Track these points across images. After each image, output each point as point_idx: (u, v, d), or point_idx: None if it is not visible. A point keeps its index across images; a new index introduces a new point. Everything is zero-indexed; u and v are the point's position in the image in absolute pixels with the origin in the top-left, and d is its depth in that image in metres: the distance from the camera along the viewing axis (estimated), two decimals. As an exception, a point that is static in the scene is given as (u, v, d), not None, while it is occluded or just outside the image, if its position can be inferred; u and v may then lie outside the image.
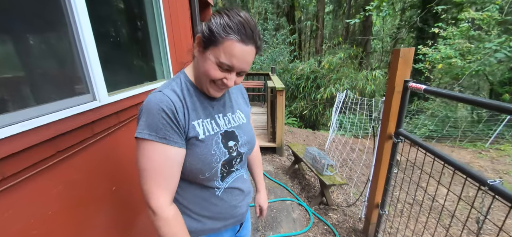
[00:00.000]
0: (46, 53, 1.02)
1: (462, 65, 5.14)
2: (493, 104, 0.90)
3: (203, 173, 0.70)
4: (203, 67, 0.65)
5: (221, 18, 0.61)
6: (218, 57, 0.62)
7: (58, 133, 0.96)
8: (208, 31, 0.62)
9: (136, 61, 1.85)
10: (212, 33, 0.61)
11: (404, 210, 2.32)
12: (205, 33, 0.63)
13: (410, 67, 1.44)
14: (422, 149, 1.28)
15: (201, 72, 0.67)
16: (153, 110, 0.61)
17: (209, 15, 0.70)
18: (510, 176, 4.14)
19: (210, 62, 0.64)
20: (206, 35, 0.62)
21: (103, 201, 1.30)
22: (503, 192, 0.88)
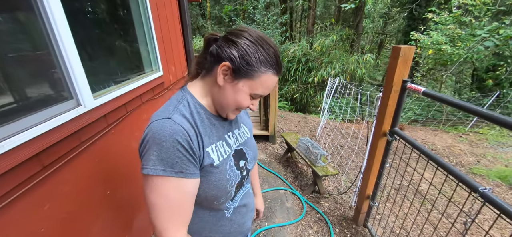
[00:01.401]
0: (18, 59, 0.90)
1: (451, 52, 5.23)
2: (494, 117, 0.91)
3: (218, 199, 0.68)
4: (234, 97, 0.63)
5: (257, 52, 0.59)
6: (254, 90, 0.62)
7: (41, 148, 0.88)
8: (244, 63, 0.58)
9: (122, 54, 1.71)
10: (250, 67, 0.59)
11: (390, 197, 2.43)
12: (239, 64, 0.58)
13: (409, 66, 1.42)
14: (417, 151, 1.31)
15: (228, 101, 0.64)
16: (167, 142, 0.54)
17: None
18: (486, 159, 4.42)
19: (243, 93, 0.62)
20: (241, 67, 0.59)
21: (98, 207, 1.25)
22: (492, 200, 0.92)
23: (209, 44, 0.65)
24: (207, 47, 0.65)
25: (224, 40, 0.62)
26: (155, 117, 0.59)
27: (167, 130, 0.55)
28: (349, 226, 2.08)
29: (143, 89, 1.69)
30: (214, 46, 0.62)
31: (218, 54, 0.61)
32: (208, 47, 0.65)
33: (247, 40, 0.59)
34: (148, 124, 0.59)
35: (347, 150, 3.73)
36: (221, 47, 0.61)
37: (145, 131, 0.57)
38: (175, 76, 2.38)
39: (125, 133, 1.54)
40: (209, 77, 0.65)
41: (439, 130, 6.44)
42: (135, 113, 1.64)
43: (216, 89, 0.64)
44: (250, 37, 0.60)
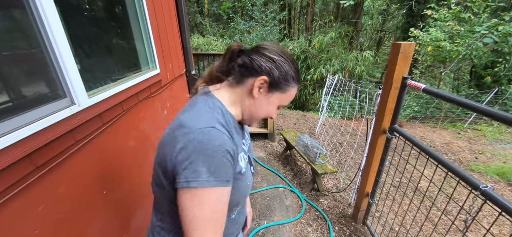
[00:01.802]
0: (8, 56, 0.88)
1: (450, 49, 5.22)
2: (492, 113, 0.89)
3: (237, 204, 0.69)
4: (266, 108, 0.68)
5: (290, 69, 0.65)
6: (283, 102, 0.69)
7: (33, 148, 0.86)
8: (281, 79, 0.64)
9: (117, 52, 1.68)
10: (285, 82, 0.64)
11: (389, 194, 2.43)
12: (277, 79, 0.63)
13: (409, 63, 1.41)
14: (417, 148, 1.29)
15: (260, 112, 0.68)
16: (218, 153, 0.52)
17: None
18: (484, 155, 4.43)
19: (274, 105, 0.68)
20: (278, 82, 0.64)
21: (94, 207, 1.24)
22: (494, 198, 0.91)
23: (234, 54, 0.66)
24: (232, 56, 0.67)
25: (257, 54, 0.64)
26: (195, 125, 0.54)
27: (216, 140, 0.53)
28: (348, 223, 2.08)
29: (139, 87, 1.66)
30: (246, 58, 0.64)
31: (252, 67, 0.63)
32: (233, 57, 0.66)
33: (281, 57, 0.64)
34: (184, 132, 0.53)
35: (346, 147, 3.72)
36: (254, 61, 0.63)
37: (182, 140, 0.52)
38: (172, 73, 2.35)
39: (122, 132, 1.51)
40: (240, 87, 0.66)
41: (437, 127, 6.46)
42: (132, 111, 1.62)
43: (249, 100, 0.66)
44: (283, 55, 0.65)
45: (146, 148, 1.82)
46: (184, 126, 0.55)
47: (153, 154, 0.64)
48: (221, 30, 11.65)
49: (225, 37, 10.25)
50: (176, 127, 0.56)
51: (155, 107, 1.99)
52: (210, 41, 9.17)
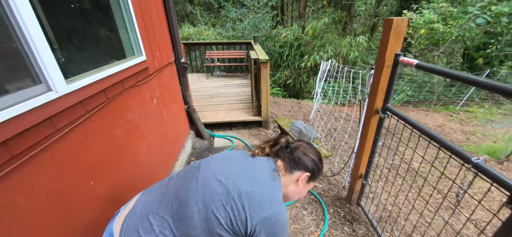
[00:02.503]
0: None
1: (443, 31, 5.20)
2: (489, 84, 0.87)
3: None
4: (303, 192, 0.93)
5: (322, 166, 0.94)
6: (313, 187, 1.03)
7: (8, 136, 0.81)
8: (317, 172, 0.91)
9: (98, 38, 1.60)
10: (319, 175, 0.93)
11: (382, 175, 2.45)
12: (315, 175, 0.91)
13: (402, 39, 1.37)
14: (409, 126, 1.28)
15: (299, 195, 0.93)
16: (286, 225, 0.78)
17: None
18: (476, 136, 4.51)
19: (307, 189, 0.94)
20: (315, 176, 0.91)
21: (81, 198, 1.20)
22: (485, 170, 0.90)
23: (283, 146, 0.92)
24: (282, 147, 0.92)
25: (303, 154, 0.89)
26: (280, 206, 0.77)
27: (286, 217, 0.78)
28: (343, 205, 2.09)
29: (124, 74, 1.59)
30: (296, 155, 0.89)
31: (301, 164, 0.88)
32: (282, 147, 0.92)
33: (318, 158, 0.92)
34: (270, 202, 0.75)
35: (340, 132, 3.73)
36: (302, 159, 0.88)
37: (266, 211, 0.73)
38: (160, 62, 2.28)
39: (108, 120, 1.46)
40: (290, 176, 0.88)
41: (430, 111, 6.53)
42: (118, 99, 1.56)
43: (294, 187, 0.89)
44: (319, 156, 0.93)
45: (136, 138, 1.77)
46: (273, 199, 0.76)
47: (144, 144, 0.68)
48: (213, 19, 11.38)
49: (216, 26, 10.03)
50: (265, 197, 0.75)
51: (143, 96, 1.92)
52: (201, 31, 8.96)
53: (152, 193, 0.88)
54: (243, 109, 3.92)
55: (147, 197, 0.86)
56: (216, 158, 0.91)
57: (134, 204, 0.86)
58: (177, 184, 0.82)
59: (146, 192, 0.91)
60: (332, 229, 1.88)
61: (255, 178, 0.79)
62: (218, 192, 0.73)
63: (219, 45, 6.17)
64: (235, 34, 8.51)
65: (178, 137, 2.77)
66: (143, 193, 0.91)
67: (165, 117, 2.37)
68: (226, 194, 0.73)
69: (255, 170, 0.82)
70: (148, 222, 0.74)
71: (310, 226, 1.91)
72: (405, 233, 1.76)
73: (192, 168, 0.89)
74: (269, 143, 0.94)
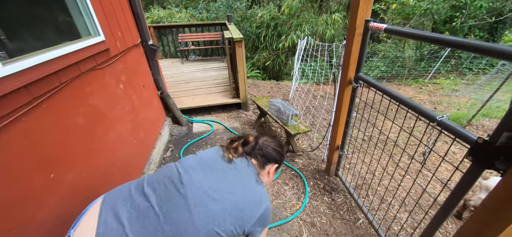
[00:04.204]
0: None
1: (413, 4, 5.36)
2: (441, 38, 0.88)
3: None
4: (272, 179, 1.11)
5: (283, 154, 1.08)
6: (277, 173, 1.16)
7: None
8: (281, 162, 1.07)
9: (43, 16, 1.41)
10: (282, 162, 1.08)
11: (357, 145, 2.55)
12: (280, 163, 1.06)
13: (371, 4, 1.35)
14: (380, 92, 1.30)
15: (269, 182, 1.08)
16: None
17: None
18: (442, 105, 4.84)
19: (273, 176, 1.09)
20: (280, 164, 1.06)
21: (39, 192, 1.08)
22: (449, 126, 0.93)
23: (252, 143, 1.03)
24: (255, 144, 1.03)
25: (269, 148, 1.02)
26: (266, 199, 0.90)
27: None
28: (322, 177, 2.15)
29: (79, 56, 1.43)
30: (265, 152, 1.00)
31: (270, 158, 1.01)
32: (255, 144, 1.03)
33: (281, 148, 1.07)
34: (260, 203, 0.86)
35: (318, 109, 3.79)
36: (270, 154, 1.01)
37: (260, 210, 0.85)
38: (124, 43, 2.09)
39: (65, 107, 1.31)
40: (263, 171, 1.01)
41: (402, 84, 6.87)
42: (75, 84, 1.40)
43: (266, 179, 1.03)
44: (281, 147, 1.08)
45: (104, 126, 1.64)
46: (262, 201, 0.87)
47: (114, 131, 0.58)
48: (184, 1, 10.74)
49: (189, 8, 9.50)
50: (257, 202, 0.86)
51: (107, 81, 1.76)
52: (172, 13, 8.43)
53: (120, 209, 0.74)
54: (221, 93, 3.82)
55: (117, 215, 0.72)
56: (194, 166, 0.88)
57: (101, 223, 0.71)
58: (162, 202, 0.75)
59: (109, 207, 0.76)
60: (312, 200, 1.93)
61: (246, 189, 0.87)
62: (215, 210, 0.77)
63: (192, 27, 5.86)
64: (209, 15, 8.14)
65: (153, 124, 2.64)
66: (105, 210, 0.75)
67: (136, 103, 2.22)
68: (222, 210, 0.78)
69: (241, 179, 0.89)
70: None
71: (291, 200, 1.95)
72: (379, 196, 1.86)
73: (170, 178, 0.82)
74: (240, 143, 1.01)
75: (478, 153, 0.85)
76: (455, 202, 0.99)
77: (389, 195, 1.91)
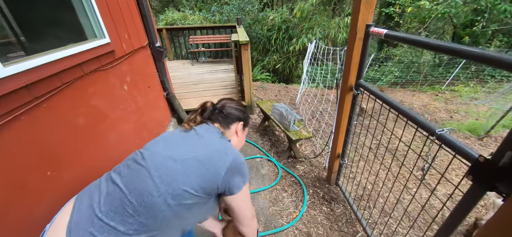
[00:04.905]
0: None
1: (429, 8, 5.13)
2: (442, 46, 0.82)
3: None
4: (243, 139, 1.09)
5: (247, 112, 1.08)
6: (246, 133, 1.11)
7: None
8: (247, 119, 1.07)
9: (47, 17, 1.47)
10: (248, 120, 1.08)
11: (358, 154, 2.45)
12: (245, 120, 1.06)
13: (373, 8, 1.30)
14: (379, 101, 1.24)
15: (242, 142, 1.09)
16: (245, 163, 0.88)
17: None
18: (459, 114, 4.58)
19: (245, 136, 1.10)
20: (246, 122, 1.06)
21: (35, 189, 1.12)
22: (448, 141, 0.87)
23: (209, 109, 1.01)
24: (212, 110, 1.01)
25: (230, 108, 1.01)
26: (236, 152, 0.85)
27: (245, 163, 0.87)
28: (322, 186, 2.09)
29: (82, 58, 1.48)
30: (226, 111, 1.00)
31: (233, 116, 1.00)
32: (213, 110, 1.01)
33: (242, 107, 1.06)
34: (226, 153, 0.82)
35: (324, 113, 3.70)
36: (232, 113, 1.00)
37: (228, 159, 0.80)
38: (130, 45, 2.14)
39: (66, 107, 1.36)
40: (228, 131, 0.99)
41: (417, 91, 6.59)
42: (77, 85, 1.45)
43: (235, 139, 1.02)
44: (241, 105, 1.07)
45: (106, 126, 1.68)
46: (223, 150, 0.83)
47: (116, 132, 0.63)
48: (199, 3, 10.94)
49: (203, 10, 9.66)
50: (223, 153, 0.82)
51: (111, 82, 1.81)
52: (186, 15, 8.61)
53: (92, 196, 0.76)
54: (228, 95, 3.83)
55: (89, 202, 0.75)
56: (154, 142, 0.88)
57: (74, 212, 0.73)
58: (127, 180, 0.76)
59: (83, 197, 0.79)
60: (310, 209, 1.88)
61: (207, 143, 0.84)
62: (175, 169, 0.74)
63: (202, 29, 5.95)
64: (221, 18, 8.23)
65: (158, 124, 2.68)
66: (79, 200, 0.78)
67: (141, 104, 2.27)
68: (184, 168, 0.75)
69: (204, 138, 0.86)
70: (107, 226, 0.67)
71: (289, 208, 1.91)
72: (379, 209, 1.77)
73: (134, 159, 0.83)
74: (198, 112, 1.01)
75: (479, 173, 0.78)
76: (456, 223, 0.92)
77: (389, 208, 1.82)
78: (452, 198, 1.90)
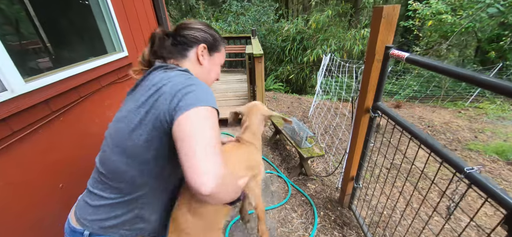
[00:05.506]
0: None
1: (452, 22, 4.90)
2: (475, 78, 0.75)
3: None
4: (214, 70, 0.85)
5: (215, 32, 0.84)
6: (220, 60, 0.87)
7: None
8: (213, 40, 0.82)
9: (69, 33, 1.54)
10: (218, 42, 0.84)
11: (373, 177, 2.33)
12: (211, 41, 0.81)
13: (394, 29, 1.24)
14: (399, 127, 1.16)
15: (211, 75, 0.85)
16: (210, 90, 0.66)
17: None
18: (484, 134, 4.28)
19: (217, 65, 0.87)
20: (212, 43, 0.82)
21: (48, 201, 1.15)
22: (479, 182, 0.78)
23: (161, 38, 0.77)
24: (161, 41, 0.77)
25: (185, 29, 0.78)
26: (187, 74, 0.69)
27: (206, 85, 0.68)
28: (334, 208, 1.99)
29: (101, 71, 1.53)
30: (178, 37, 0.77)
31: (189, 40, 0.77)
32: (162, 41, 0.77)
33: (205, 26, 0.82)
34: (181, 77, 0.65)
35: (338, 128, 3.59)
36: (187, 36, 0.77)
37: (181, 80, 0.64)
38: (147, 57, 2.20)
39: (82, 120, 1.40)
40: (187, 61, 0.78)
41: (437, 107, 6.26)
42: (94, 98, 1.49)
43: (198, 68, 0.79)
44: (205, 24, 0.82)
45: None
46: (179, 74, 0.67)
47: None
48: (216, 14, 11.22)
49: (220, 20, 9.89)
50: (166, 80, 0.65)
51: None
52: (203, 25, 8.83)
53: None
54: (240, 105, 3.82)
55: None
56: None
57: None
58: (99, 156, 0.79)
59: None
60: (321, 233, 1.79)
61: (148, 85, 0.67)
62: (121, 128, 0.69)
63: (218, 39, 6.07)
64: (237, 28, 8.37)
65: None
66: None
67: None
68: (128, 120, 0.67)
69: (143, 87, 0.69)
70: (93, 194, 0.75)
71: (298, 230, 1.83)
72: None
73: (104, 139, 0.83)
74: (148, 50, 0.79)
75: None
76: (486, 272, 0.82)
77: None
78: None
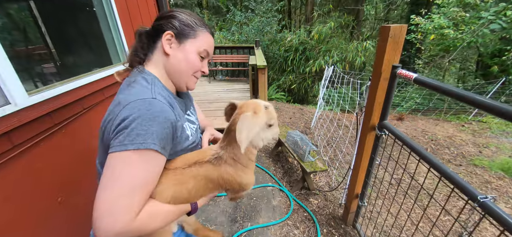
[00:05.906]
0: None
1: (454, 36, 4.93)
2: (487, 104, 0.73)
3: None
4: (186, 60, 0.68)
5: (191, 16, 0.69)
6: (199, 48, 0.69)
7: None
8: (182, 25, 0.66)
9: (73, 45, 1.54)
10: (190, 28, 0.67)
11: (379, 196, 2.28)
12: (178, 28, 0.66)
13: (400, 49, 1.23)
14: (407, 148, 1.14)
15: (182, 66, 0.68)
16: (159, 118, 0.56)
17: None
18: (489, 149, 4.23)
19: (192, 54, 0.68)
20: (181, 29, 0.66)
21: (46, 216, 1.12)
22: (494, 212, 0.75)
23: (143, 34, 0.69)
24: (141, 35, 0.69)
25: (158, 20, 0.68)
26: (135, 97, 0.56)
27: (158, 108, 0.56)
28: (338, 226, 1.94)
29: (105, 83, 1.52)
30: (148, 29, 0.69)
31: (156, 30, 0.66)
32: (141, 36, 0.69)
33: (176, 11, 0.68)
34: (125, 104, 0.54)
35: (342, 141, 3.56)
36: (154, 26, 0.68)
37: (123, 112, 0.54)
38: (151, 67, 2.20)
39: (84, 132, 1.38)
40: (156, 54, 0.68)
41: (440, 120, 6.22)
42: (97, 109, 1.48)
43: (167, 61, 0.67)
44: (177, 10, 0.69)
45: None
46: (125, 100, 0.55)
47: None
48: (220, 23, 11.38)
49: (223, 30, 10.02)
50: (116, 104, 0.57)
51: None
52: (206, 34, 8.95)
53: None
54: (241, 116, 3.81)
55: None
56: None
57: None
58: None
59: None
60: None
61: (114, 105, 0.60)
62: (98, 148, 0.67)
63: (221, 49, 6.11)
64: (240, 37, 8.46)
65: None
66: None
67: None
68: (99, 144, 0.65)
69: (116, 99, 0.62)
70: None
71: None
72: (405, 262, 1.60)
73: None
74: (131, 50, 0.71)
75: (535, 258, 0.66)
76: None
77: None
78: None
